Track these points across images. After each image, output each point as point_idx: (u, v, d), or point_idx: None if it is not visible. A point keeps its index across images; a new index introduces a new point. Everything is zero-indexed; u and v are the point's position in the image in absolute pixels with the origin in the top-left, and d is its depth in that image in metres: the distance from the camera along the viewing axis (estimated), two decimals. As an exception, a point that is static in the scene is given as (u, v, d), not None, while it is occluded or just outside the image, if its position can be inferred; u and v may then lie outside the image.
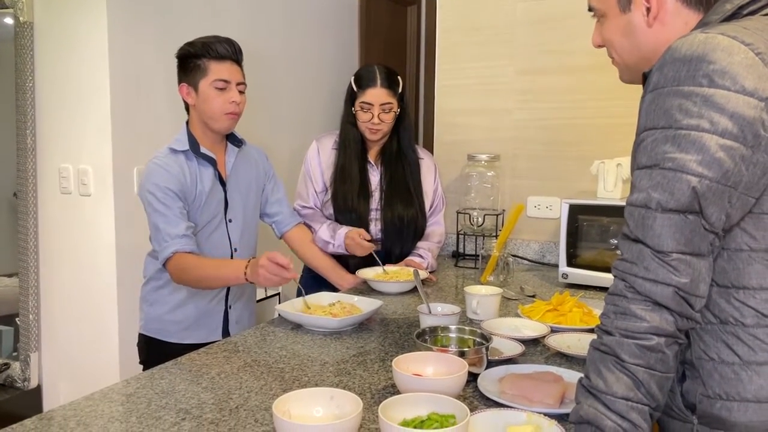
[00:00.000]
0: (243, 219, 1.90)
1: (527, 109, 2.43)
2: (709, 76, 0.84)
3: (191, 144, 1.80)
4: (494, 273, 2.08)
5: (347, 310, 1.63)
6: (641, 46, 1.01)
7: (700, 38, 0.87)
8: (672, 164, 0.85)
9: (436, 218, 2.29)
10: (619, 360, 0.87)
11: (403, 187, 2.18)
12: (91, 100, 2.42)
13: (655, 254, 0.86)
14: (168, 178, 1.73)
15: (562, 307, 1.65)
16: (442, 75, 2.59)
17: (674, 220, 0.85)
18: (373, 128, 2.11)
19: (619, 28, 1.03)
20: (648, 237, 0.86)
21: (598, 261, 2.03)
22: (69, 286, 2.53)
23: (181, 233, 1.69)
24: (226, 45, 1.77)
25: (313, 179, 2.19)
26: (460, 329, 1.38)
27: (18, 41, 2.50)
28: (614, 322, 0.89)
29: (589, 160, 2.14)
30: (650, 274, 0.86)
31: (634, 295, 0.87)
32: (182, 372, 1.28)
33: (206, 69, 1.75)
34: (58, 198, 2.55)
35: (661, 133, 0.87)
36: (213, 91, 1.76)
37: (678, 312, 0.86)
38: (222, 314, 1.89)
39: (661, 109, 0.87)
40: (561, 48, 2.34)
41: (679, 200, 0.84)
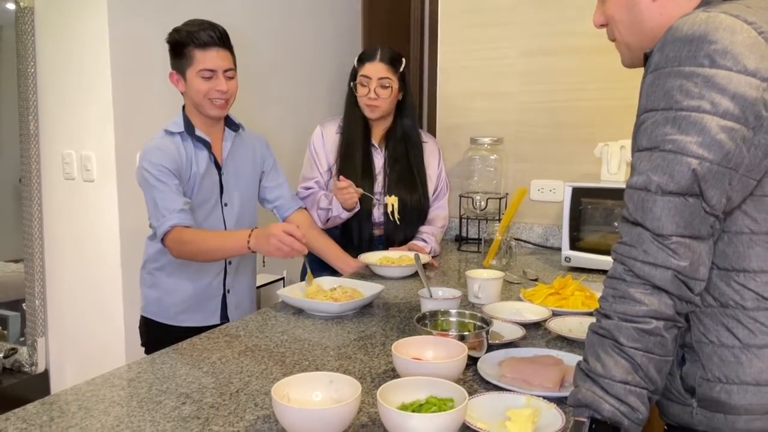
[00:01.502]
0: (239, 204, 1.90)
1: (530, 91, 2.41)
2: (710, 56, 0.83)
3: (186, 126, 1.80)
4: (497, 257, 2.08)
5: (349, 295, 1.63)
6: (644, 23, 0.99)
7: (702, 17, 0.85)
8: (672, 146, 0.84)
9: (440, 202, 2.29)
10: (617, 343, 0.87)
11: (407, 171, 2.18)
12: (92, 86, 2.41)
13: (655, 237, 0.85)
14: (163, 156, 1.73)
15: (564, 291, 1.65)
16: (444, 58, 2.57)
17: (674, 202, 0.84)
18: (371, 103, 2.11)
19: (623, 4, 1.01)
20: (647, 220, 0.86)
21: (602, 244, 2.03)
22: (74, 272, 2.55)
23: (179, 207, 1.69)
24: (210, 32, 1.73)
25: (318, 161, 2.19)
26: (460, 313, 1.38)
27: (19, 26, 2.49)
28: (613, 305, 0.88)
29: (592, 143, 2.13)
30: (649, 257, 0.85)
31: (633, 278, 0.87)
32: (183, 357, 1.29)
33: (192, 57, 1.73)
34: (62, 184, 2.55)
35: (662, 115, 0.85)
36: (199, 80, 1.74)
37: (677, 295, 0.86)
38: (220, 298, 1.89)
39: (662, 90, 0.86)
40: (565, 29, 2.32)
41: (679, 183, 0.84)
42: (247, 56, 3.06)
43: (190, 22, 1.77)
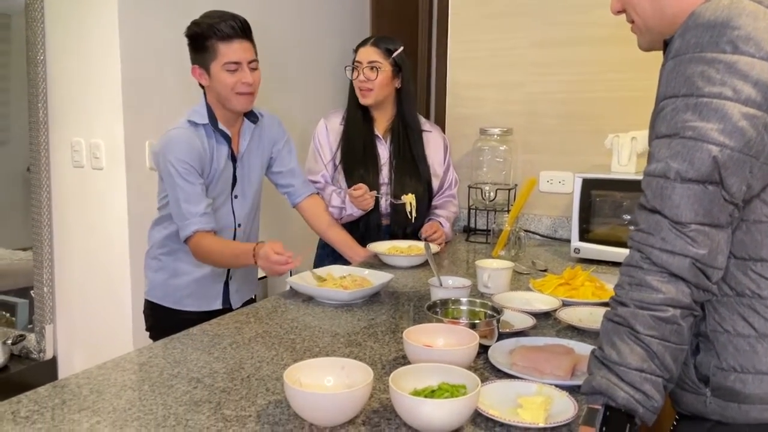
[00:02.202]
0: (249, 195, 1.90)
1: (540, 82, 2.40)
2: (733, 42, 0.82)
3: (210, 118, 1.78)
4: (506, 247, 2.07)
5: (358, 283, 1.63)
6: (664, 8, 0.98)
7: (724, 3, 0.85)
8: (693, 133, 0.83)
9: (450, 192, 2.29)
10: (633, 331, 0.86)
11: (410, 160, 2.19)
12: (102, 74, 2.41)
13: (673, 225, 0.84)
14: (190, 152, 1.71)
15: (574, 281, 1.65)
16: (454, 48, 2.56)
17: (693, 190, 0.83)
18: (361, 86, 2.13)
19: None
20: (666, 207, 0.85)
21: (611, 236, 2.02)
22: (82, 259, 2.55)
23: (202, 211, 1.71)
24: (232, 23, 1.71)
25: (322, 153, 2.20)
26: (471, 302, 1.37)
27: (29, 14, 2.49)
28: (629, 293, 0.88)
29: (602, 134, 2.11)
30: (667, 245, 0.85)
31: (650, 266, 0.86)
32: (194, 342, 1.29)
33: (216, 51, 1.70)
34: (71, 172, 2.56)
35: (682, 101, 0.85)
36: (224, 74, 1.72)
37: (694, 283, 0.85)
38: (222, 284, 1.91)
39: (683, 77, 0.85)
40: (575, 19, 2.30)
41: (699, 170, 0.83)
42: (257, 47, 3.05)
43: (210, 14, 1.74)
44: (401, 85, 2.18)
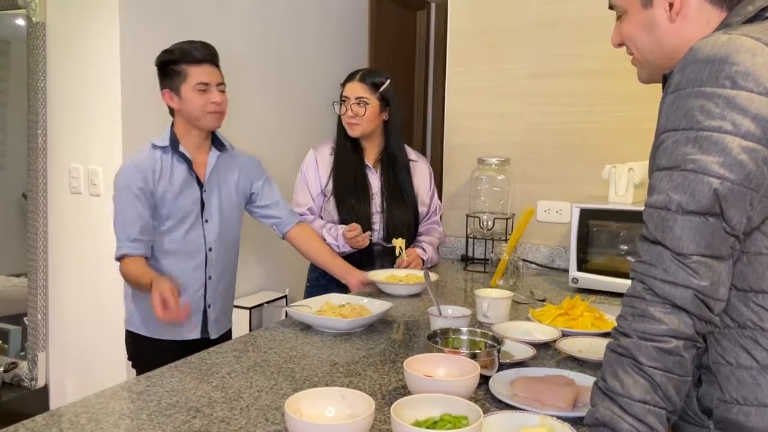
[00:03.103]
0: (220, 220, 1.94)
1: (538, 112, 2.43)
2: (732, 77, 0.83)
3: (171, 141, 1.88)
4: (504, 277, 2.07)
5: (357, 312, 1.62)
6: (662, 43, 1.00)
7: (723, 39, 0.86)
8: (693, 166, 0.84)
9: (434, 219, 2.36)
10: (636, 362, 0.86)
11: (399, 190, 2.23)
12: (102, 101, 2.42)
13: (675, 256, 0.85)
14: (135, 174, 1.81)
15: (573, 312, 1.64)
16: (453, 78, 2.59)
17: (695, 222, 0.84)
18: (348, 121, 2.17)
19: (641, 24, 1.02)
20: (668, 239, 0.85)
21: (609, 266, 2.02)
22: (77, 286, 2.54)
23: (133, 236, 1.80)
24: (202, 49, 1.84)
25: (310, 185, 2.23)
26: (471, 331, 1.37)
27: (30, 41, 2.51)
28: (632, 324, 0.88)
29: (600, 165, 2.13)
30: (669, 276, 0.85)
31: (652, 297, 0.86)
32: (192, 371, 1.28)
33: (186, 74, 1.83)
34: (68, 198, 2.55)
35: (683, 135, 0.86)
36: (195, 94, 1.83)
37: (697, 315, 0.85)
38: (201, 312, 1.93)
39: (683, 110, 0.86)
40: (573, 52, 2.34)
41: (699, 202, 0.84)
42: (254, 72, 3.08)
43: (181, 43, 1.87)
44: (388, 117, 2.22)
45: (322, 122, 3.48)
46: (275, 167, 3.00)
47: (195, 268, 1.90)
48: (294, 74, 3.36)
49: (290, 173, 2.60)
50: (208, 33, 2.63)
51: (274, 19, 3.19)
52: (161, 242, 1.87)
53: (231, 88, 1.96)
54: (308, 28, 3.45)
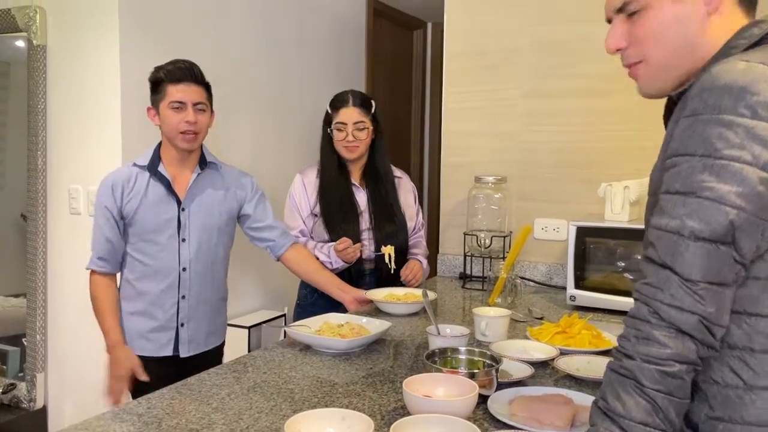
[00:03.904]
0: (198, 240, 1.93)
1: (534, 131, 2.45)
2: (752, 107, 0.83)
3: (152, 161, 1.91)
4: (502, 295, 2.08)
5: (356, 332, 1.63)
6: (693, 36, 0.95)
7: (740, 66, 0.86)
8: (710, 194, 0.84)
9: (421, 232, 2.42)
10: (639, 384, 0.86)
11: (385, 207, 2.27)
12: (102, 123, 2.45)
13: (683, 282, 0.85)
14: (105, 192, 1.88)
15: (571, 330, 1.65)
16: (449, 98, 2.62)
17: (706, 249, 0.84)
18: (349, 146, 2.20)
19: (669, 16, 0.96)
20: (677, 264, 0.86)
21: (606, 283, 2.03)
22: (76, 307, 2.54)
23: (100, 254, 1.89)
24: (183, 68, 1.86)
25: (300, 208, 2.25)
26: (469, 351, 1.37)
27: (31, 64, 2.54)
28: (636, 346, 0.88)
29: (596, 183, 2.15)
30: (676, 301, 0.85)
31: (658, 321, 0.87)
32: (192, 392, 1.28)
33: (165, 92, 1.85)
34: (68, 218, 2.56)
35: (699, 161, 0.85)
36: (169, 112, 1.85)
37: (700, 340, 0.86)
38: (173, 331, 1.93)
39: (700, 137, 0.86)
40: (567, 72, 2.37)
41: (714, 230, 0.84)
42: (250, 91, 3.11)
43: (170, 62, 1.89)
44: (375, 135, 2.26)
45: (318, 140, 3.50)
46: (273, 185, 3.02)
47: (167, 288, 1.91)
48: (291, 92, 3.38)
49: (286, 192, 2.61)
50: (207, 52, 2.66)
51: (271, 39, 3.22)
52: (131, 259, 1.90)
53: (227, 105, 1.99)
54: (306, 46, 3.49)
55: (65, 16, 2.51)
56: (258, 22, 3.10)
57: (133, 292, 1.92)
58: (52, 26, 2.53)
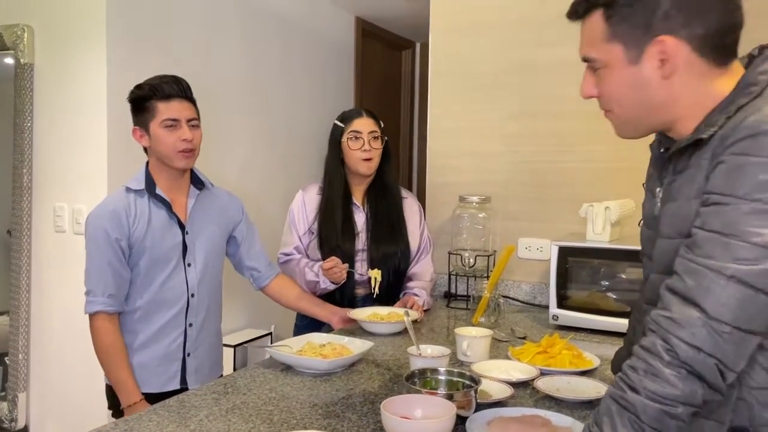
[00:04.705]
0: (204, 264, 1.87)
1: (518, 152, 2.48)
2: None
3: (147, 184, 1.80)
4: (485, 314, 2.09)
5: (338, 352, 1.63)
6: (653, 99, 0.97)
7: None
8: (760, 240, 0.82)
9: (425, 259, 2.31)
10: (638, 420, 0.86)
11: (388, 225, 2.23)
12: (88, 141, 2.45)
13: (709, 321, 0.84)
14: (107, 221, 1.73)
15: (552, 350, 1.66)
16: (434, 118, 2.64)
17: (745, 294, 0.83)
18: (365, 156, 2.15)
19: (626, 79, 0.98)
20: (708, 302, 0.84)
21: (589, 303, 2.05)
22: (60, 326, 2.52)
23: (109, 291, 1.73)
24: (173, 84, 1.77)
25: (297, 226, 2.21)
26: (449, 371, 1.38)
27: (18, 82, 2.55)
28: (643, 380, 0.87)
29: (578, 203, 2.17)
30: (696, 341, 0.84)
31: (672, 358, 0.85)
32: (170, 414, 1.28)
33: (155, 110, 1.75)
34: (53, 236, 2.56)
35: (748, 205, 0.84)
36: (163, 131, 1.75)
37: (710, 384, 0.85)
38: (180, 362, 1.84)
39: (754, 180, 0.84)
40: (550, 94, 2.40)
41: (759, 278, 0.82)
42: (239, 109, 3.13)
43: (153, 78, 1.79)
44: (384, 153, 2.24)
45: (308, 159, 3.52)
46: (261, 204, 3.03)
47: (175, 316, 1.81)
48: (280, 112, 3.40)
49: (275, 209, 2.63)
50: (194, 72, 2.68)
51: (260, 59, 3.25)
52: (137, 290, 1.78)
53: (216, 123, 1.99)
54: (295, 66, 3.52)
55: (53, 34, 2.52)
56: (246, 41, 3.13)
57: (137, 325, 1.79)
58: (40, 45, 2.55)
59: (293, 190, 2.32)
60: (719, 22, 0.93)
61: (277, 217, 2.44)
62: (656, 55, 0.94)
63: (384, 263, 2.17)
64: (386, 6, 3.92)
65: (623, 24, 0.95)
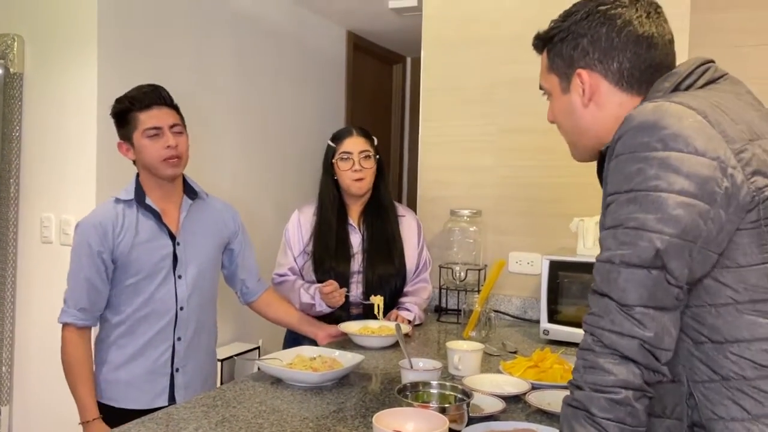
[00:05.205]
0: (195, 276, 1.83)
1: (509, 166, 2.48)
2: (663, 140, 0.90)
3: (137, 194, 1.78)
4: (476, 328, 2.08)
5: (328, 365, 1.61)
6: (580, 125, 1.10)
7: (650, 107, 0.94)
8: (635, 223, 0.90)
9: (423, 276, 2.29)
10: (590, 414, 0.89)
11: (384, 245, 2.19)
12: (77, 151, 2.44)
13: (621, 307, 0.89)
14: (91, 233, 1.71)
15: (543, 364, 1.65)
16: (426, 132, 2.65)
17: (637, 274, 0.89)
18: (356, 176, 2.13)
19: (563, 108, 1.13)
20: (613, 291, 0.90)
21: (579, 318, 2.02)
22: (44, 339, 2.49)
23: (81, 305, 1.72)
24: (151, 93, 1.75)
25: (293, 246, 2.19)
26: (441, 385, 1.37)
27: (7, 91, 2.53)
28: (584, 376, 0.91)
29: (569, 217, 2.18)
30: (616, 326, 0.89)
31: (601, 348, 0.90)
32: (159, 427, 1.26)
33: (136, 121, 1.73)
34: (39, 247, 2.53)
35: (624, 196, 0.92)
36: (146, 141, 1.73)
37: (644, 365, 0.89)
38: (168, 377, 1.80)
39: (622, 174, 0.93)
40: (539, 109, 2.38)
41: (640, 256, 0.89)
42: (233, 123, 3.12)
43: (131, 90, 1.78)
44: (378, 172, 2.22)
45: (301, 173, 3.52)
46: (252, 218, 3.02)
47: (162, 329, 1.77)
48: (271, 125, 3.40)
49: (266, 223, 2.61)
50: (186, 83, 2.68)
51: (252, 73, 3.25)
52: (124, 301, 1.75)
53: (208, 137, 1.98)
54: (286, 79, 3.52)
55: (44, 44, 2.51)
56: (239, 54, 3.13)
57: (123, 338, 1.76)
58: (30, 54, 2.53)
59: (285, 204, 2.31)
60: (631, 61, 1.04)
61: (267, 232, 2.43)
62: (578, 86, 1.08)
63: (380, 286, 2.14)
64: (378, 21, 3.94)
65: (556, 58, 1.12)
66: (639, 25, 1.03)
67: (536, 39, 1.17)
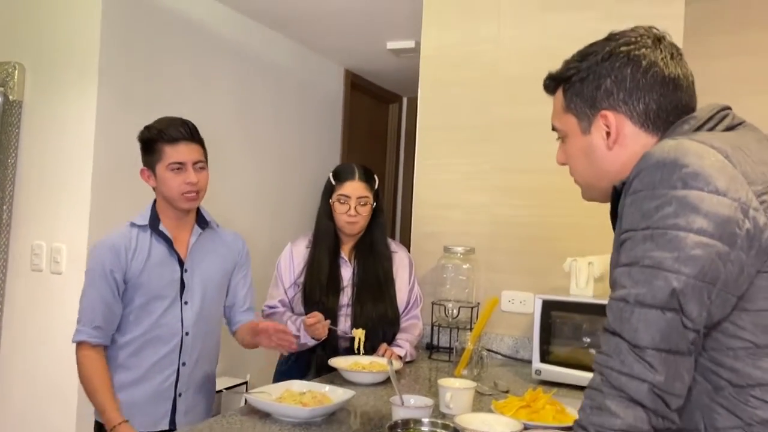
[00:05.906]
0: (201, 302, 1.85)
1: (503, 205, 2.50)
2: (683, 178, 0.88)
3: (152, 220, 1.82)
4: (468, 366, 2.06)
5: (318, 400, 1.59)
6: (601, 166, 1.07)
7: (670, 144, 0.92)
8: (650, 261, 0.88)
9: (414, 313, 2.29)
10: None
11: (374, 282, 2.19)
12: (72, 180, 2.44)
13: (632, 348, 0.87)
14: (106, 255, 1.75)
15: (536, 404, 1.64)
16: (421, 170, 2.67)
17: (651, 315, 0.86)
18: (350, 220, 2.15)
19: (581, 149, 1.10)
20: (625, 330, 0.88)
21: (572, 358, 2.03)
22: (31, 366, 2.45)
23: (96, 323, 1.73)
24: (180, 127, 1.79)
25: (284, 279, 2.19)
26: (433, 423, 1.35)
27: (5, 119, 2.54)
28: (590, 417, 0.89)
29: (562, 257, 2.18)
30: (625, 368, 0.87)
31: (609, 389, 0.87)
32: (143, 459, 1.23)
33: (162, 153, 1.77)
34: (28, 275, 2.51)
35: (641, 234, 0.90)
36: (169, 174, 1.77)
37: (653, 410, 0.86)
38: (171, 402, 1.81)
39: (640, 212, 0.91)
40: (534, 149, 2.44)
41: (656, 296, 0.86)
42: (228, 161, 3.14)
43: (161, 120, 1.82)
44: (375, 210, 2.23)
45: (297, 208, 3.52)
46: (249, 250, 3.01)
47: (167, 354, 1.79)
48: (268, 161, 3.42)
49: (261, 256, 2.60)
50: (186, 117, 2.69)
51: (249, 108, 3.28)
52: (132, 322, 1.77)
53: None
54: (284, 116, 3.56)
55: (45, 73, 2.53)
56: (236, 90, 3.17)
57: (130, 359, 1.78)
58: (30, 83, 2.55)
59: (280, 238, 2.31)
60: (657, 102, 1.02)
61: (261, 265, 2.42)
62: (602, 128, 1.05)
63: (367, 325, 2.11)
64: (376, 61, 4.01)
65: (575, 98, 1.08)
66: (665, 66, 1.02)
67: (549, 79, 1.14)
